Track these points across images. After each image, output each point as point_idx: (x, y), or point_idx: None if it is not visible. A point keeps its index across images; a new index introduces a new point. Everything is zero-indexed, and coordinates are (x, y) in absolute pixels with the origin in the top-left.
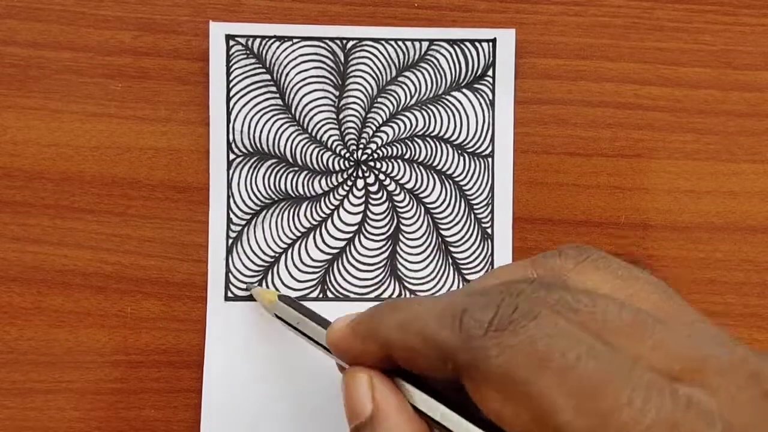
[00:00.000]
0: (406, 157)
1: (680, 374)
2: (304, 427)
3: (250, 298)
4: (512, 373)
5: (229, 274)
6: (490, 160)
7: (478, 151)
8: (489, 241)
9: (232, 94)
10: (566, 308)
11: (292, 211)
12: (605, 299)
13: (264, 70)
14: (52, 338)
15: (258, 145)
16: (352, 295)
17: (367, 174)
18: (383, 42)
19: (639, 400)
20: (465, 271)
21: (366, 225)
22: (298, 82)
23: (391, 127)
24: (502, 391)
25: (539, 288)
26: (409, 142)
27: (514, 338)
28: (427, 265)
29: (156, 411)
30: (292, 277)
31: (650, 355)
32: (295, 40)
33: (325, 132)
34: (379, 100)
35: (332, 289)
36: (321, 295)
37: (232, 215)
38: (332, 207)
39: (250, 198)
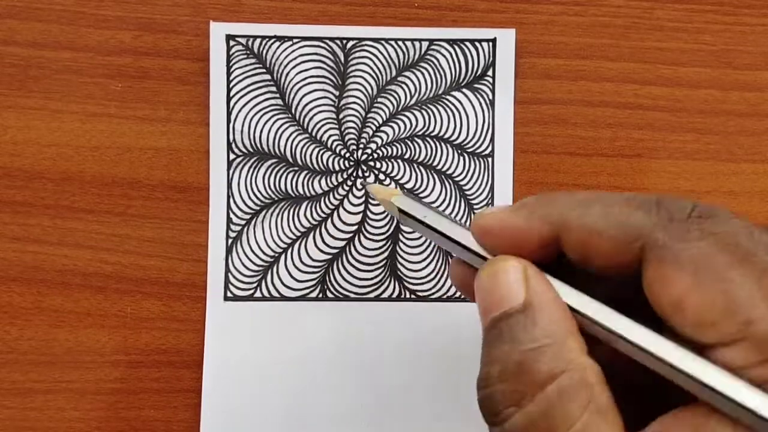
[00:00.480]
0: (406, 157)
1: None
2: (304, 427)
3: (250, 297)
4: (713, 259)
5: (229, 274)
6: (490, 160)
7: (478, 151)
8: None
9: (232, 94)
10: (761, 230)
11: (292, 211)
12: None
13: (264, 70)
14: (52, 338)
15: (258, 145)
16: (351, 295)
17: (367, 174)
18: (383, 42)
19: None
20: None
21: (366, 225)
22: (298, 82)
23: (391, 127)
24: (695, 274)
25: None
26: (409, 142)
27: (717, 227)
28: (427, 265)
29: (156, 411)
30: (292, 277)
31: None
32: (295, 40)
33: (325, 132)
34: (379, 100)
35: (332, 289)
36: (321, 295)
37: (232, 215)
38: (332, 207)
39: (250, 198)
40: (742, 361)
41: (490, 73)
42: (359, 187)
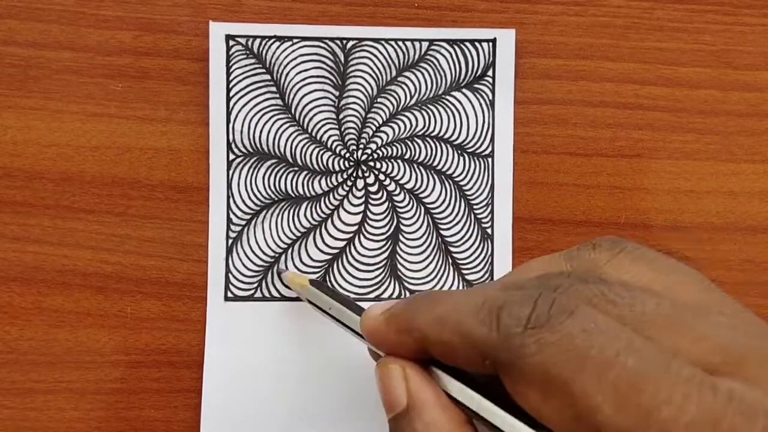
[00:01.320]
0: (406, 157)
1: (721, 367)
2: (304, 427)
3: (250, 298)
4: (551, 371)
5: (229, 274)
6: (490, 160)
7: (478, 151)
8: (489, 241)
9: (232, 94)
10: (604, 301)
11: (292, 211)
12: (643, 292)
13: (264, 70)
14: (52, 338)
15: (258, 145)
16: (352, 295)
17: (367, 174)
18: (383, 42)
19: (679, 396)
20: (465, 271)
21: (366, 225)
22: (298, 82)
23: (391, 127)
24: (541, 389)
25: (576, 282)
26: (409, 142)
27: (552, 335)
28: (427, 265)
29: (156, 411)
30: None
31: (690, 348)
32: (295, 40)
33: (325, 132)
34: (379, 100)
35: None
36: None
37: (232, 215)
38: (332, 207)
39: (250, 198)
40: None
41: (490, 73)
42: (359, 187)
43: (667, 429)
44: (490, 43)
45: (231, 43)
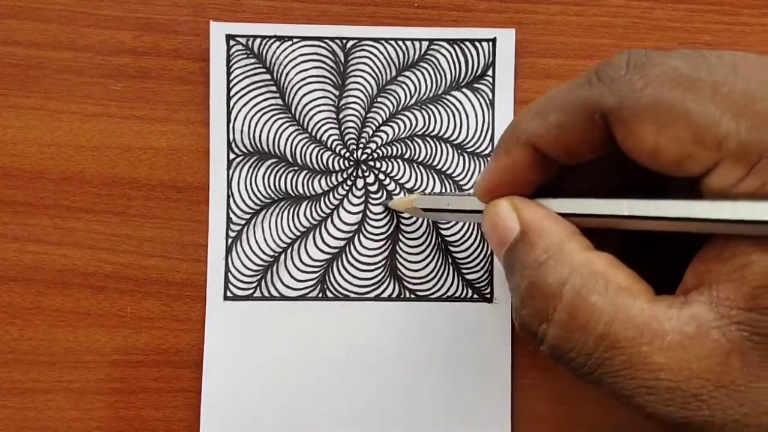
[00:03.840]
0: (406, 156)
1: None
2: (303, 427)
3: (250, 297)
4: (664, 97)
5: (229, 274)
6: (490, 160)
7: (478, 151)
8: None
9: (232, 94)
10: (695, 54)
11: (291, 210)
12: (729, 52)
13: (264, 70)
14: (52, 338)
15: (258, 144)
16: (351, 295)
17: (366, 174)
18: (383, 42)
19: None
20: (465, 271)
21: (366, 225)
22: (298, 82)
23: (391, 126)
24: (655, 119)
25: (652, 53)
26: (409, 142)
27: (656, 69)
28: (427, 265)
29: (155, 411)
30: (292, 276)
31: None
32: (295, 40)
33: (325, 132)
34: (379, 99)
35: (332, 288)
36: (320, 295)
37: (231, 215)
38: (332, 207)
39: (249, 198)
40: (731, 179)
41: (490, 73)
42: (359, 186)
43: None
44: (490, 43)
45: (231, 42)
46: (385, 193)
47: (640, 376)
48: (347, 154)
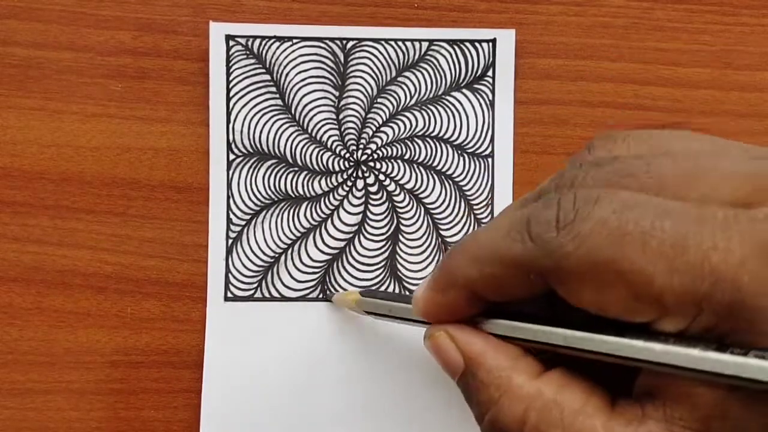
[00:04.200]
0: (406, 157)
1: (753, 197)
2: (304, 427)
3: (250, 298)
4: (596, 258)
5: (229, 275)
6: (490, 160)
7: (478, 151)
8: None
9: (232, 94)
10: (623, 177)
11: (292, 211)
12: (655, 156)
13: (264, 71)
14: (52, 338)
15: (258, 145)
16: None
17: (366, 174)
18: (383, 42)
19: (721, 240)
20: None
21: (366, 225)
22: (298, 83)
23: (391, 127)
24: (593, 280)
25: (590, 168)
26: (409, 143)
27: (584, 226)
28: (427, 265)
29: (155, 411)
30: (292, 277)
31: (718, 191)
32: (295, 41)
33: (325, 132)
34: (379, 100)
35: (332, 289)
36: (321, 295)
37: (232, 215)
38: (332, 207)
39: (250, 198)
40: (677, 328)
41: (490, 73)
42: (359, 187)
43: (722, 273)
44: (490, 44)
45: (231, 43)
46: (385, 193)
47: None
48: (347, 155)
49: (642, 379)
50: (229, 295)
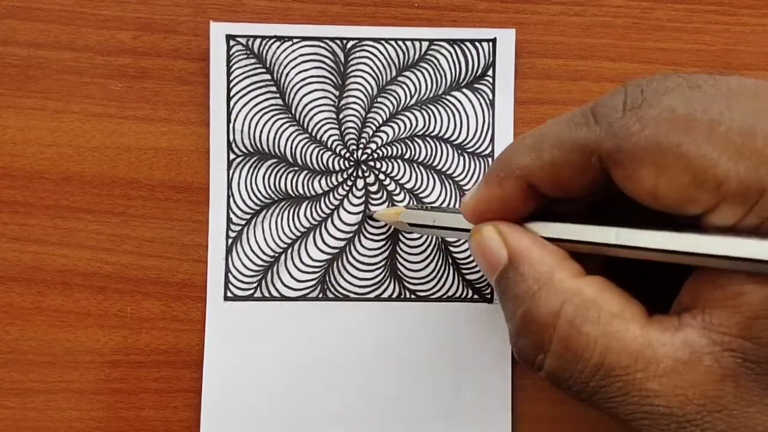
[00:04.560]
0: (406, 157)
1: None
2: (304, 427)
3: (250, 297)
4: (662, 140)
5: (229, 274)
6: (490, 160)
7: (478, 151)
8: None
9: (232, 94)
10: (690, 87)
11: (292, 211)
12: (724, 77)
13: (264, 70)
14: (52, 338)
15: (258, 145)
16: (352, 295)
17: (367, 174)
18: (383, 42)
19: None
20: (465, 271)
21: (366, 225)
22: (298, 82)
23: (391, 127)
24: (654, 163)
25: (659, 78)
26: (409, 142)
27: (652, 110)
28: (427, 265)
29: (155, 411)
30: (292, 277)
31: None
32: (295, 40)
33: (325, 132)
34: (379, 100)
35: (332, 289)
36: (321, 295)
37: (232, 215)
38: (332, 207)
39: (250, 198)
40: (732, 219)
41: (490, 73)
42: (359, 187)
43: None
44: (490, 43)
45: (231, 43)
46: (385, 193)
47: (636, 402)
48: (347, 155)
49: (684, 292)
50: (229, 294)
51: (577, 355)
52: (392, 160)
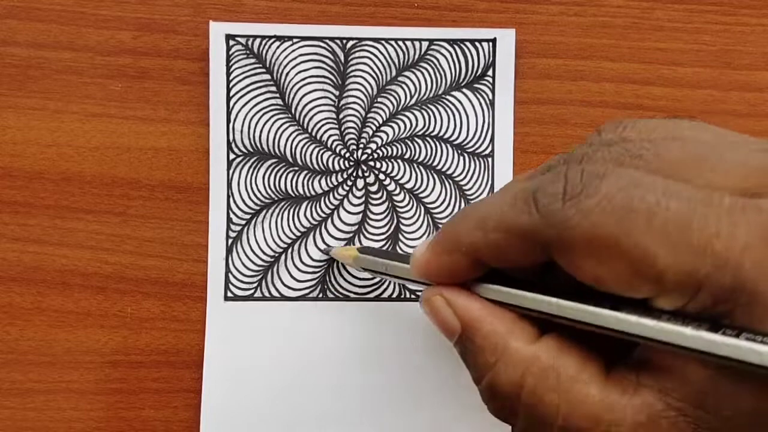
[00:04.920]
0: (406, 157)
1: (761, 189)
2: (303, 427)
3: (250, 297)
4: (599, 233)
5: (229, 274)
6: (490, 160)
7: (478, 151)
8: None
9: (232, 94)
10: (631, 158)
11: (292, 211)
12: (665, 140)
13: (264, 70)
14: (52, 338)
15: (258, 145)
16: (351, 295)
17: (367, 174)
18: (383, 42)
19: (726, 226)
20: None
21: (366, 225)
22: (298, 82)
23: (391, 127)
24: (594, 254)
25: (599, 147)
26: (409, 142)
27: (590, 200)
28: None
29: (155, 411)
30: (292, 277)
31: (725, 179)
32: (295, 40)
33: (325, 132)
34: (379, 100)
35: (332, 289)
36: (321, 295)
37: (232, 215)
38: (332, 207)
39: (250, 198)
40: (676, 305)
41: (490, 73)
42: (359, 187)
43: (725, 259)
44: (490, 43)
45: (231, 43)
46: (385, 193)
47: None
48: (347, 155)
49: (638, 350)
50: (229, 294)
51: (543, 423)
52: (392, 160)
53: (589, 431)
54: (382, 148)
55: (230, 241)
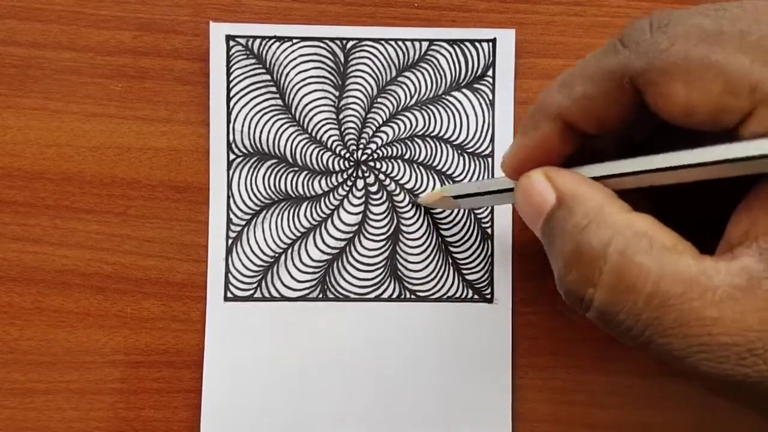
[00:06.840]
0: (406, 157)
1: None
2: (303, 427)
3: (250, 298)
4: (692, 53)
5: (229, 275)
6: (490, 160)
7: (478, 151)
8: (489, 241)
9: (232, 94)
10: (716, 8)
11: (292, 211)
12: (750, 2)
13: (264, 71)
14: (52, 338)
15: (258, 145)
16: (352, 296)
17: (367, 174)
18: (383, 42)
19: None
20: (465, 271)
21: (366, 225)
22: (298, 83)
23: (391, 127)
24: (685, 76)
25: (683, 9)
26: (409, 142)
27: (680, 27)
28: (427, 265)
29: (156, 411)
30: (292, 277)
31: None
32: (295, 41)
33: (325, 132)
34: (379, 100)
35: (332, 289)
36: (321, 295)
37: (232, 215)
38: (332, 207)
39: (250, 198)
40: (766, 126)
41: (490, 73)
42: (359, 187)
43: None
44: (490, 43)
45: (231, 43)
46: (385, 193)
47: (693, 332)
48: (347, 155)
49: (731, 228)
50: (229, 295)
51: (629, 286)
52: (392, 160)
53: (681, 296)
54: (382, 149)
55: (230, 241)
